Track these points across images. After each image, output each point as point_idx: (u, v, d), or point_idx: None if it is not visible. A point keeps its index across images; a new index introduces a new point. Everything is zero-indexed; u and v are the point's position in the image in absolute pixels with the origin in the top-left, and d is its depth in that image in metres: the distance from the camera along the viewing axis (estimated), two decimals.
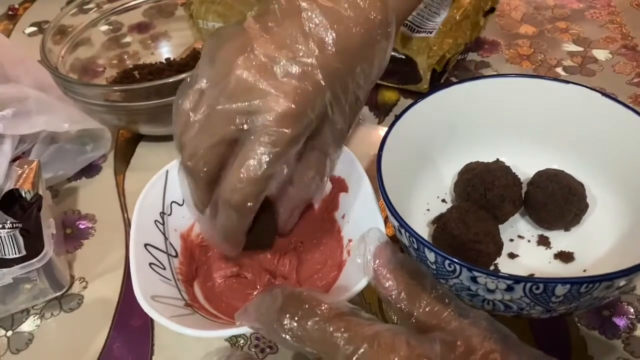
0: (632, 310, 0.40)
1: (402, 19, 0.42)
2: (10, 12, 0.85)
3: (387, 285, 0.32)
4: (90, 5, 0.66)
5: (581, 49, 0.65)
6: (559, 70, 0.62)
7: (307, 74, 0.33)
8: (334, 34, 0.33)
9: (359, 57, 0.35)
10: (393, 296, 0.31)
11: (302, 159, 0.36)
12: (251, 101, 0.32)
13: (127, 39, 0.69)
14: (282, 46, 0.33)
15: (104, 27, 0.68)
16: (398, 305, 0.31)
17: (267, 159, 0.32)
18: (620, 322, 0.39)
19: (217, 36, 0.35)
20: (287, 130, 0.32)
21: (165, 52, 0.69)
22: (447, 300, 0.29)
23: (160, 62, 0.66)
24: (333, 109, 0.34)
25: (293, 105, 0.32)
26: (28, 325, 0.44)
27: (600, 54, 0.63)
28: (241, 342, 0.41)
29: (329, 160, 0.38)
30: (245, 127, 0.33)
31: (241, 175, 0.33)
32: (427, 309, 0.29)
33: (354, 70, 0.35)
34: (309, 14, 0.33)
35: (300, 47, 0.33)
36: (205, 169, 0.34)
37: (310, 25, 0.33)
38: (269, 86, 0.32)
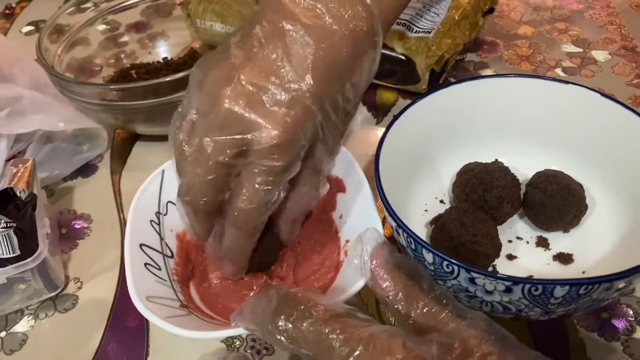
0: (631, 312, 0.40)
1: (390, 23, 0.41)
2: (7, 11, 0.84)
3: (384, 286, 0.31)
4: (88, 5, 0.65)
5: (580, 50, 0.64)
6: (558, 71, 0.62)
7: (296, 100, 0.32)
8: (320, 53, 0.32)
9: (348, 72, 0.34)
10: (390, 297, 0.31)
11: (296, 176, 0.36)
12: (242, 133, 0.32)
13: (125, 39, 0.69)
14: (268, 73, 0.32)
15: (101, 27, 0.67)
16: (395, 307, 0.30)
17: (263, 188, 0.33)
18: (620, 324, 0.39)
19: (203, 65, 0.35)
20: (279, 163, 0.32)
21: (163, 51, 0.69)
22: (444, 301, 0.29)
23: (158, 62, 0.65)
24: (324, 129, 0.34)
25: (284, 135, 0.32)
26: (22, 326, 0.43)
27: (600, 55, 0.63)
28: (237, 343, 0.41)
29: (322, 175, 0.37)
30: (239, 157, 0.33)
31: (241, 205, 0.34)
32: (424, 310, 0.29)
33: (344, 86, 0.34)
34: (294, 35, 0.32)
35: (287, 71, 0.32)
36: (203, 201, 0.34)
37: (296, 46, 0.32)
38: (258, 117, 0.32)
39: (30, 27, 0.81)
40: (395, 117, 0.42)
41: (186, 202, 0.35)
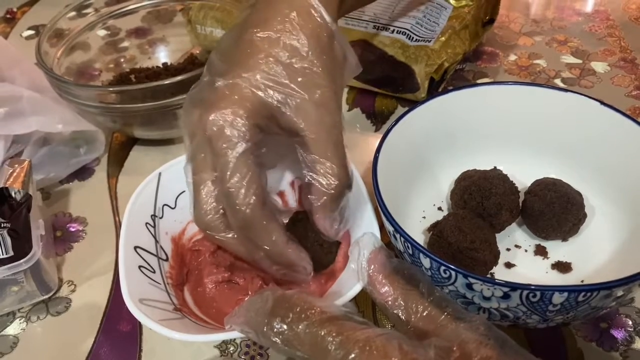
0: (630, 322, 0.39)
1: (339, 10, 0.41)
2: (8, 16, 0.84)
3: (383, 291, 0.31)
4: (88, 10, 0.65)
5: (580, 61, 0.65)
6: (558, 81, 0.62)
7: (235, 84, 0.34)
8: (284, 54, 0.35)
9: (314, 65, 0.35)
10: (389, 302, 0.31)
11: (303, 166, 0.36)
12: (201, 137, 0.34)
13: (125, 44, 0.69)
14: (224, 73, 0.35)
15: (102, 32, 0.67)
16: (395, 312, 0.30)
17: (225, 164, 0.33)
18: (619, 334, 0.39)
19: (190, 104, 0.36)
20: (223, 137, 0.33)
21: (163, 57, 0.68)
22: (444, 304, 0.29)
23: (157, 67, 0.65)
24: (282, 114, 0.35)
25: (220, 115, 0.33)
26: (13, 329, 0.43)
27: (599, 67, 0.63)
28: (231, 349, 0.40)
29: (326, 161, 0.35)
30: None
31: (221, 195, 0.34)
32: (424, 314, 0.29)
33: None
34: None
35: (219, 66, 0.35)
36: (204, 215, 0.35)
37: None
38: (208, 112, 0.34)
39: (31, 32, 0.81)
40: (395, 122, 0.42)
41: (196, 224, 0.37)
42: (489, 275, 0.41)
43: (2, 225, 0.40)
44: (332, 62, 0.36)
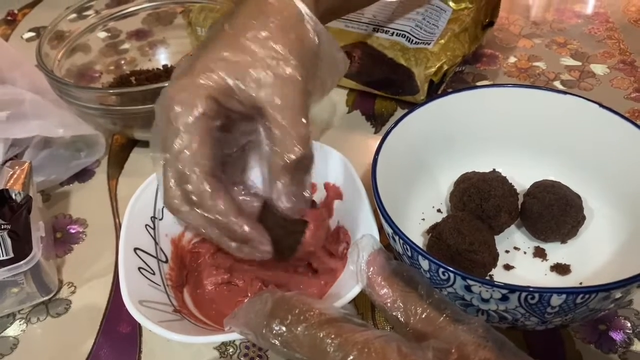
0: (629, 324, 0.39)
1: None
2: (9, 18, 0.84)
3: (382, 293, 0.31)
4: (89, 12, 0.66)
5: (579, 63, 0.65)
6: (557, 83, 0.62)
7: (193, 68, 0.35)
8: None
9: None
10: (388, 304, 0.31)
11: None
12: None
13: (125, 46, 0.69)
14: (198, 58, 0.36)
15: (102, 34, 0.67)
16: (394, 314, 0.30)
17: (178, 125, 0.34)
18: (617, 336, 0.39)
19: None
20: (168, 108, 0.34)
21: (163, 59, 0.69)
22: (442, 306, 0.29)
23: (158, 69, 0.66)
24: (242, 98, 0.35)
25: (172, 90, 0.35)
26: (13, 330, 0.43)
27: (598, 69, 0.64)
28: (230, 351, 0.40)
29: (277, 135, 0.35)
30: None
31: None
32: (423, 316, 0.29)
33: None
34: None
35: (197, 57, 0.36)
36: (175, 206, 0.35)
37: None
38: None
39: (32, 34, 0.81)
40: (394, 124, 0.42)
41: (165, 206, 0.36)
42: (487, 277, 0.41)
43: (3, 227, 0.41)
44: (299, 42, 0.36)
